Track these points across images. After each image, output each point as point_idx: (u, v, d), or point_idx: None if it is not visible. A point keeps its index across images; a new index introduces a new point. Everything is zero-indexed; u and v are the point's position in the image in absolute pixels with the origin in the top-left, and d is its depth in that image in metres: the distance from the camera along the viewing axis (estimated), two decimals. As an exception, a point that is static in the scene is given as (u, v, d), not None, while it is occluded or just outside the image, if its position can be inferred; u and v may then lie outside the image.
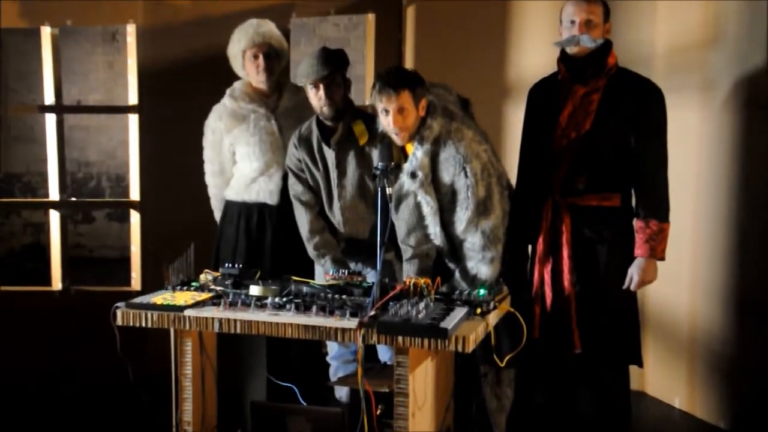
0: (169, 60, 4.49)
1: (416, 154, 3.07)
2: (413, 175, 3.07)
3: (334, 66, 3.25)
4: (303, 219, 3.45)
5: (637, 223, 3.19)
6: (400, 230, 3.23)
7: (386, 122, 3.06)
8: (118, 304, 2.89)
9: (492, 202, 3.07)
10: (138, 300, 2.92)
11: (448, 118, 3.09)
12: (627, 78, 3.22)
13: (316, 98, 3.28)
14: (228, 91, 3.75)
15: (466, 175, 3.03)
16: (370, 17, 4.47)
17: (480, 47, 4.41)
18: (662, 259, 3.18)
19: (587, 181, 3.19)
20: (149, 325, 2.85)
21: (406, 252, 3.24)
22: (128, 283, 4.57)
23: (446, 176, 3.07)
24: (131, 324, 2.87)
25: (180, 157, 4.29)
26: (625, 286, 3.20)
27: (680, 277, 3.97)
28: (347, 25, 5.09)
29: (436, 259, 3.26)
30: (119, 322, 2.87)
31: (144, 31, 4.47)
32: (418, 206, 3.16)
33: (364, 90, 4.56)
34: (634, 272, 3.17)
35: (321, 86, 3.24)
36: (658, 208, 3.16)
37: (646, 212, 3.15)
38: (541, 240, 3.26)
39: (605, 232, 3.19)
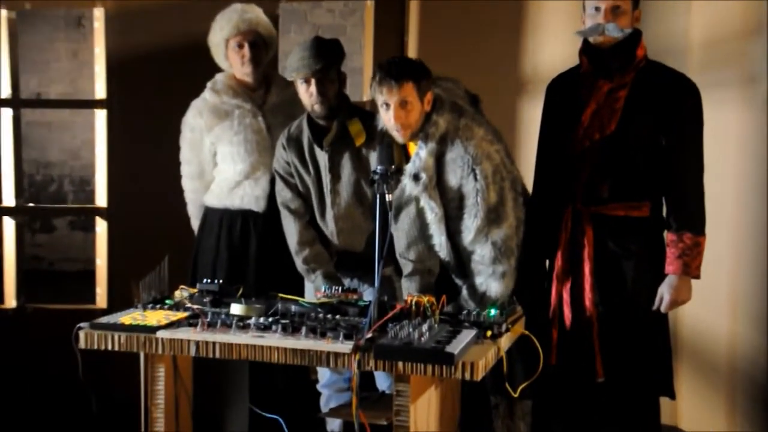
0: (142, 49, 4.51)
1: (420, 153, 3.09)
2: (416, 178, 3.09)
3: (327, 59, 3.26)
4: (292, 229, 3.46)
5: (668, 236, 3.20)
6: (399, 242, 3.25)
7: (387, 117, 3.08)
8: (81, 325, 2.89)
9: (504, 209, 3.09)
10: (104, 320, 2.93)
11: (457, 114, 3.11)
12: (658, 72, 3.23)
13: (307, 94, 3.30)
14: (209, 84, 3.78)
15: (476, 179, 3.04)
16: (369, 3, 4.50)
17: (492, 37, 4.42)
18: (697, 276, 3.18)
19: (612, 188, 3.20)
20: (116, 348, 2.85)
21: (406, 267, 3.26)
22: (93, 300, 4.59)
23: (453, 179, 3.09)
24: (95, 347, 2.87)
25: (154, 158, 4.31)
26: (654, 307, 3.21)
27: (718, 297, 3.98)
28: (343, 11, 5.12)
29: (440, 275, 3.27)
30: (82, 344, 2.87)
31: (113, 15, 4.50)
32: (420, 214, 3.18)
33: (361, 84, 4.59)
34: (665, 291, 3.18)
35: (312, 81, 3.26)
36: (692, 219, 3.17)
37: (680, 224, 3.17)
38: (559, 254, 3.27)
39: (632, 245, 3.21)
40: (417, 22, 4.57)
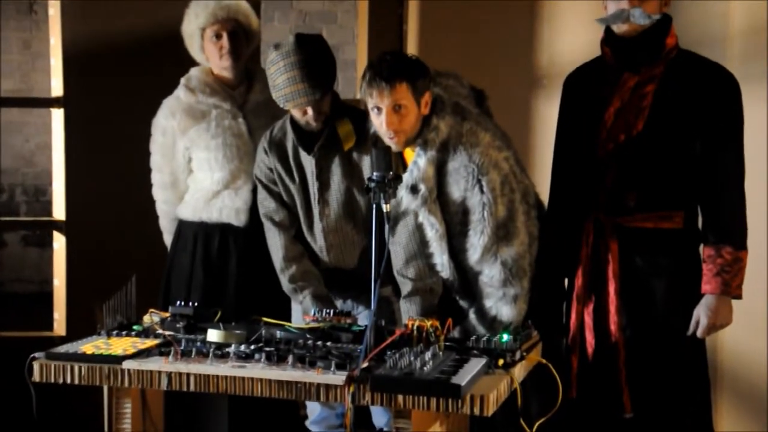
0: (105, 39, 4.52)
1: (418, 162, 3.11)
2: (414, 190, 3.11)
3: (325, 81, 3.24)
4: (276, 244, 3.49)
5: (705, 251, 3.21)
6: (397, 258, 3.27)
7: (378, 123, 3.09)
8: (36, 354, 2.89)
9: (515, 224, 3.11)
10: (62, 349, 2.93)
11: (459, 117, 3.13)
12: (691, 64, 3.25)
13: (300, 115, 3.30)
14: (183, 81, 3.80)
15: (482, 190, 3.06)
16: (364, -14, 4.55)
17: (502, 24, 4.43)
18: (738, 296, 3.19)
19: (640, 197, 3.23)
20: (76, 381, 2.85)
21: (404, 286, 3.28)
22: (49, 326, 4.59)
23: (456, 191, 3.11)
24: (52, 380, 2.87)
25: (119, 165, 4.33)
26: (690, 332, 3.22)
27: (762, 320, 3.99)
28: (334, -5, 5.16)
29: (444, 295, 3.29)
30: (36, 377, 2.87)
31: (71, 1, 4.52)
32: (419, 229, 3.21)
33: (354, 79, 4.62)
34: (701, 314, 3.19)
35: (309, 108, 3.26)
36: (732, 231, 3.19)
37: (718, 236, 3.18)
38: (580, 271, 3.29)
39: (664, 261, 3.23)
40: (418, 7, 4.58)
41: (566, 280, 3.41)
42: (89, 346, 2.95)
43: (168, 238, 3.93)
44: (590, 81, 3.36)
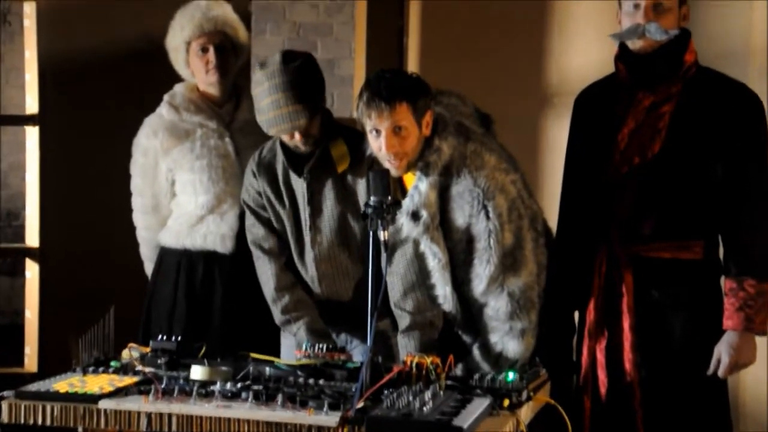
0: (82, 53, 4.55)
1: (419, 187, 3.11)
2: (415, 216, 3.11)
3: (312, 105, 3.24)
4: (267, 273, 3.49)
5: (727, 283, 3.21)
6: (394, 289, 3.27)
7: (377, 146, 3.09)
8: (5, 393, 2.87)
9: (523, 252, 3.11)
10: (33, 386, 2.91)
11: (463, 138, 3.14)
12: (711, 82, 3.26)
13: (288, 139, 3.31)
14: (166, 98, 3.82)
15: (488, 216, 3.06)
16: (362, -5, 4.56)
17: (510, 39, 4.46)
18: (763, 333, 3.20)
19: (657, 224, 3.23)
20: (49, 422, 2.83)
21: (402, 320, 3.28)
22: (20, 362, 4.58)
23: (460, 217, 3.12)
24: (23, 421, 2.85)
25: (97, 187, 4.34)
26: (710, 371, 3.21)
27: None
28: (329, 7, 5.14)
29: (445, 330, 3.28)
30: (5, 418, 2.85)
31: (47, 11, 4.54)
32: (419, 258, 3.21)
33: (351, 96, 4.63)
34: (723, 351, 3.19)
35: (296, 133, 3.26)
36: (756, 262, 3.18)
37: (740, 268, 3.18)
38: (592, 304, 3.30)
39: (682, 294, 3.23)
40: (419, 20, 4.61)
41: (577, 314, 3.41)
42: (63, 383, 2.93)
43: (149, 267, 3.94)
44: (603, 100, 3.37)
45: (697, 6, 3.44)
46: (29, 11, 4.52)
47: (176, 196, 3.82)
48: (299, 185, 3.39)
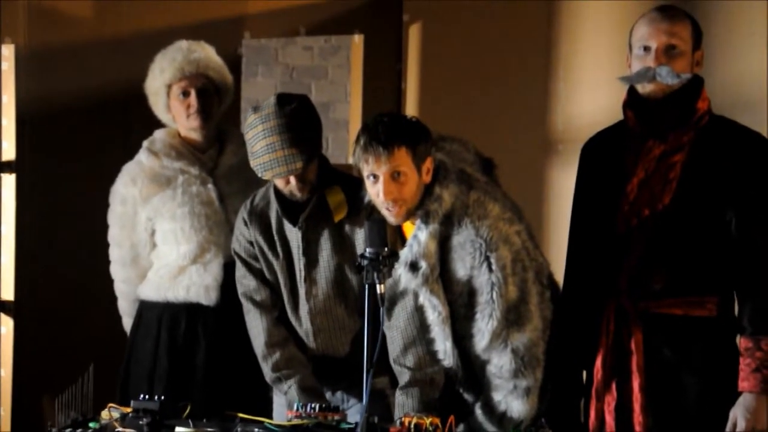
0: (61, 97, 4.57)
1: (418, 236, 3.13)
2: (414, 267, 3.12)
3: (308, 148, 3.25)
4: (258, 327, 3.49)
5: (742, 342, 3.20)
6: (394, 344, 3.28)
7: (375, 192, 3.11)
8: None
9: (528, 307, 3.12)
10: (7, 448, 2.95)
11: (465, 186, 3.16)
12: (725, 130, 3.27)
13: (283, 185, 3.33)
14: (145, 144, 3.85)
15: (491, 269, 3.08)
16: (357, 39, 4.57)
17: (514, 84, 4.46)
18: (781, 395, 3.20)
19: (668, 279, 3.23)
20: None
21: (402, 376, 3.27)
22: (-8, 423, 4.58)
23: (461, 269, 3.13)
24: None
25: (75, 238, 4.34)
26: (726, 436, 3.22)
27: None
28: (324, 49, 5.19)
29: (446, 388, 3.28)
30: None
31: (27, 54, 4.56)
32: (420, 311, 3.22)
33: (347, 140, 4.66)
34: (738, 415, 3.17)
35: (291, 178, 3.29)
36: (772, 319, 3.19)
37: (756, 326, 3.17)
38: (599, 363, 3.29)
39: (695, 354, 3.22)
40: (418, 62, 4.62)
41: (584, 373, 3.40)
42: (38, 445, 2.95)
43: (128, 322, 3.95)
44: (611, 149, 3.38)
45: (712, 52, 3.44)
46: (7, 53, 4.52)
47: (157, 247, 3.85)
48: (294, 235, 3.41)
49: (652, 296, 3.25)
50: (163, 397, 3.13)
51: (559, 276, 3.43)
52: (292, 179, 3.28)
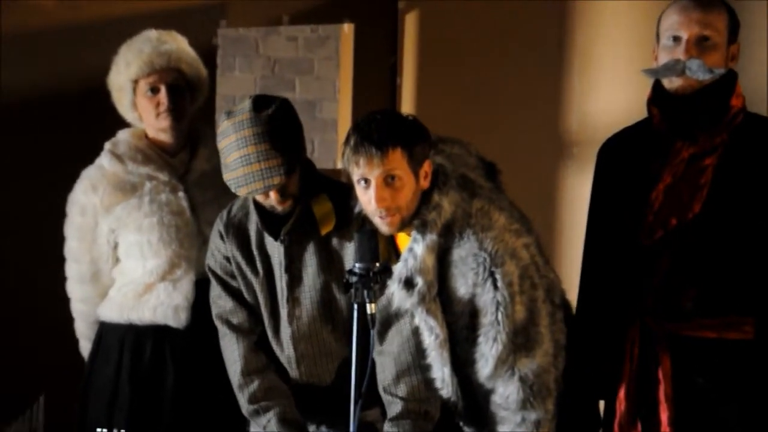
0: (15, 94, 4.57)
1: (414, 249, 3.10)
2: (409, 284, 3.09)
3: (289, 157, 3.22)
4: (234, 353, 3.47)
5: None
6: (385, 371, 3.26)
7: (366, 199, 3.09)
8: None
9: (537, 329, 3.10)
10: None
11: (468, 194, 3.14)
12: (761, 131, 3.27)
13: (263, 199, 3.31)
14: (107, 146, 3.83)
15: (496, 286, 3.06)
16: (347, 28, 4.58)
17: (523, 79, 4.48)
18: (827, 425, 3.18)
19: (699, 298, 3.21)
20: None
21: (393, 407, 3.25)
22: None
23: (462, 286, 3.11)
24: None
25: (25, 252, 4.32)
26: (767, 473, 3.19)
27: None
28: (310, 40, 5.19)
29: (443, 420, 3.26)
30: None
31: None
32: (415, 334, 3.19)
33: (335, 142, 4.64)
34: None
35: (271, 193, 3.26)
36: (817, 342, 3.18)
37: None
38: (623, 393, 3.27)
39: (730, 382, 3.20)
40: (415, 55, 4.63)
41: (603, 404, 3.38)
42: (-17, 484, 2.92)
43: (86, 346, 3.92)
44: (633, 150, 3.37)
45: (747, 41, 3.43)
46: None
47: (120, 262, 3.83)
48: (276, 250, 3.40)
49: (681, 317, 3.23)
50: (124, 430, 3.10)
51: (573, 295, 3.41)
52: (272, 193, 3.25)
